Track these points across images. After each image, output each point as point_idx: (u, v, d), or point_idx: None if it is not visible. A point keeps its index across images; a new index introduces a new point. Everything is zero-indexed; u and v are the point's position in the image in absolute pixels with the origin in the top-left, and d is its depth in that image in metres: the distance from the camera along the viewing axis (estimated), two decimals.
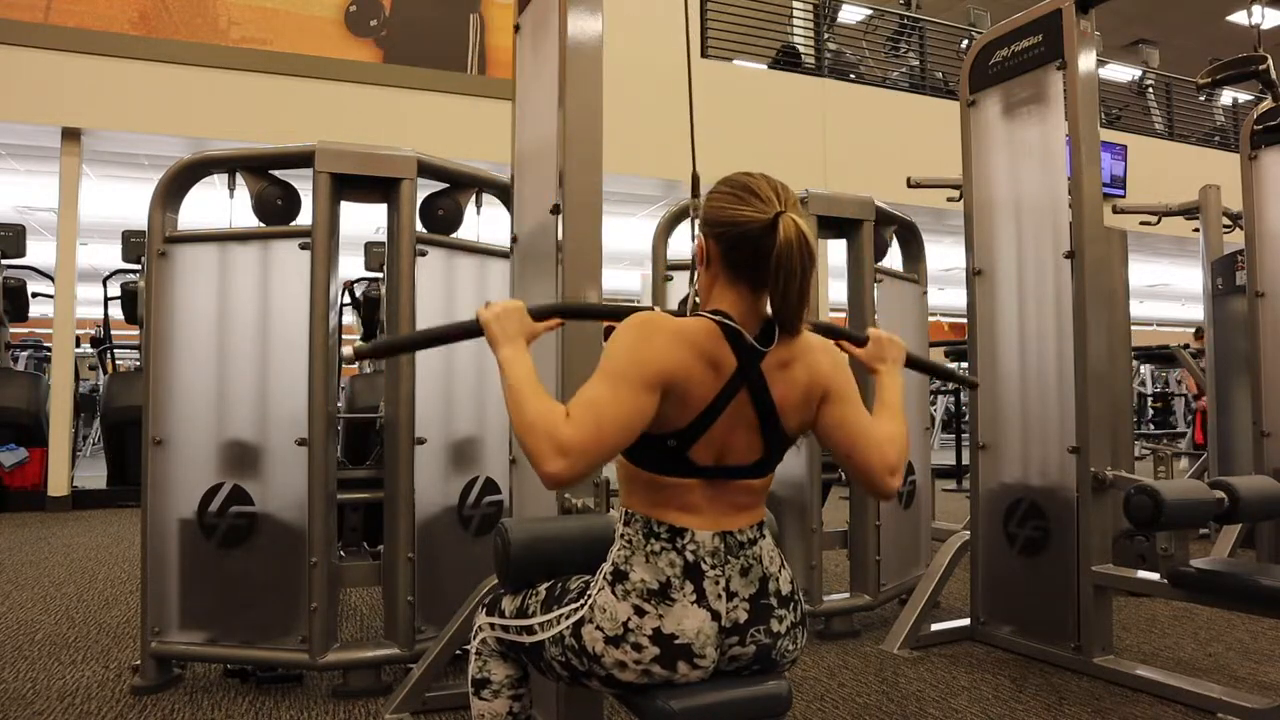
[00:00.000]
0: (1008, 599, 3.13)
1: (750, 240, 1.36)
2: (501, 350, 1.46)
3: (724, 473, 1.39)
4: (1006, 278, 3.20)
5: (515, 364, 1.42)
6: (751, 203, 1.36)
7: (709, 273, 1.44)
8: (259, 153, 2.79)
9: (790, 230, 1.32)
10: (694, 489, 1.39)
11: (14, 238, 6.80)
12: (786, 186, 1.40)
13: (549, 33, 2.14)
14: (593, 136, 2.08)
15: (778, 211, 1.35)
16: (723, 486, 1.40)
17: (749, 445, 1.40)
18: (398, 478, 2.66)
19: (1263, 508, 2.56)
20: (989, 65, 3.27)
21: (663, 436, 1.36)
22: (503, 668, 1.57)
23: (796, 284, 1.33)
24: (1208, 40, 11.97)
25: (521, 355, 1.45)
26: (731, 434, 1.38)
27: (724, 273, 1.41)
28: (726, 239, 1.39)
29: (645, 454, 1.38)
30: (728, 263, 1.40)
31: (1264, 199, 4.04)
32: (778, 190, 1.38)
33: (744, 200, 1.37)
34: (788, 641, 1.43)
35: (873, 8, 9.63)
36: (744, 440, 1.39)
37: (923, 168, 5.22)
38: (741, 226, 1.36)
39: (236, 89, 6.59)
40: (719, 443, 1.38)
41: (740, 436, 1.39)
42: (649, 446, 1.37)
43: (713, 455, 1.38)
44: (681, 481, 1.38)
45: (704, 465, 1.38)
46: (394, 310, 2.71)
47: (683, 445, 1.36)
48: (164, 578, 2.64)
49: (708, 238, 1.42)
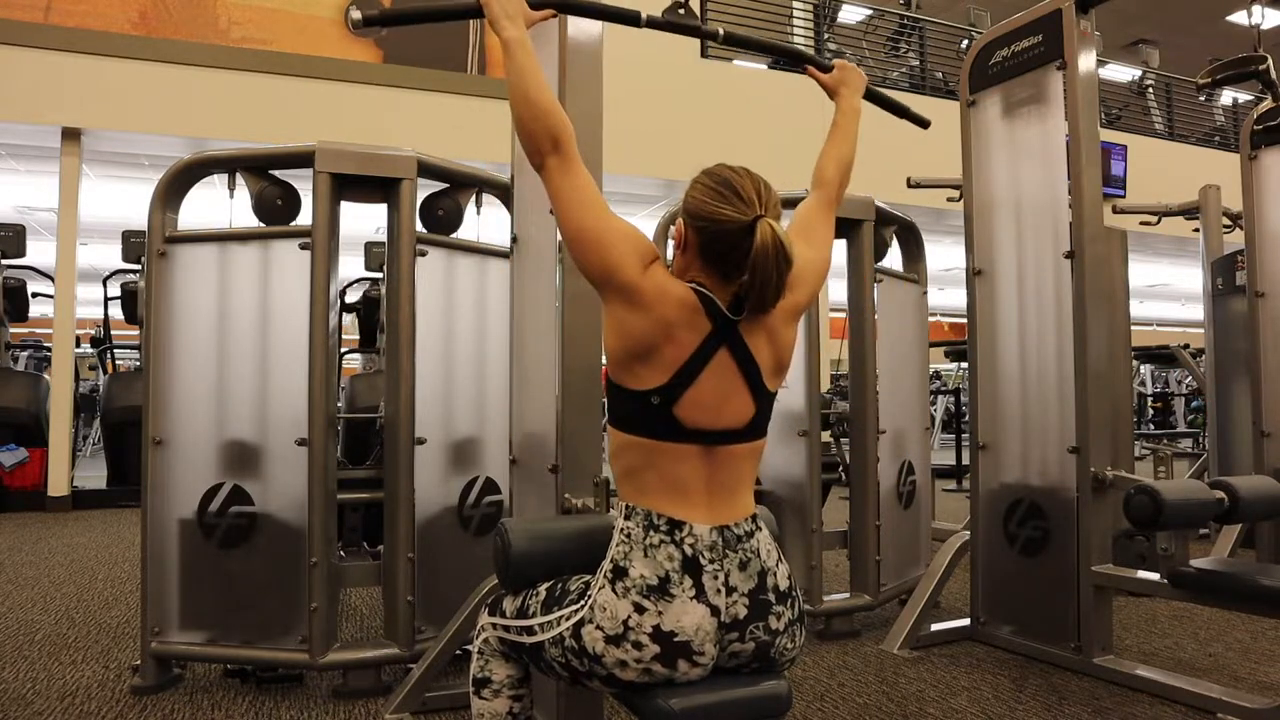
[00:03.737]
0: (1008, 599, 3.13)
1: (727, 239, 1.40)
2: (506, 30, 1.56)
3: (716, 437, 1.42)
4: (1006, 278, 3.20)
5: (522, 45, 1.54)
6: (733, 202, 1.40)
7: (684, 257, 1.48)
8: (259, 153, 2.79)
9: (767, 236, 1.35)
10: (687, 458, 1.40)
11: (14, 238, 6.79)
12: (768, 185, 1.44)
13: (549, 33, 2.14)
14: (593, 136, 2.08)
15: (757, 215, 1.38)
16: (716, 457, 1.42)
17: (739, 405, 1.44)
18: (398, 478, 2.66)
19: (1263, 508, 2.56)
20: (989, 65, 3.27)
21: (645, 393, 1.40)
22: (504, 667, 1.57)
23: (772, 285, 1.38)
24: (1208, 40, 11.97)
25: (526, 37, 1.56)
26: (717, 392, 1.42)
27: (699, 260, 1.45)
28: (705, 234, 1.42)
29: (632, 416, 1.42)
30: (703, 253, 1.44)
31: (1264, 199, 4.04)
32: (759, 190, 1.41)
33: (725, 198, 1.40)
34: (786, 639, 1.43)
35: (873, 8, 9.63)
36: (733, 401, 1.43)
37: (923, 168, 5.22)
38: (720, 225, 1.40)
39: (236, 89, 6.59)
40: (704, 401, 1.41)
41: (729, 396, 1.43)
42: (634, 405, 1.41)
43: (703, 417, 1.41)
44: (673, 448, 1.40)
45: (694, 427, 1.40)
46: (394, 310, 2.71)
47: (666, 401, 1.39)
48: (164, 578, 2.64)
49: (687, 226, 1.46)
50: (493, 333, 2.92)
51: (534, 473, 2.23)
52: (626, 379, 1.42)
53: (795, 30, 8.99)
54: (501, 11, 1.57)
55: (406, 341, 2.68)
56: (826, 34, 8.93)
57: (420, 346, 2.72)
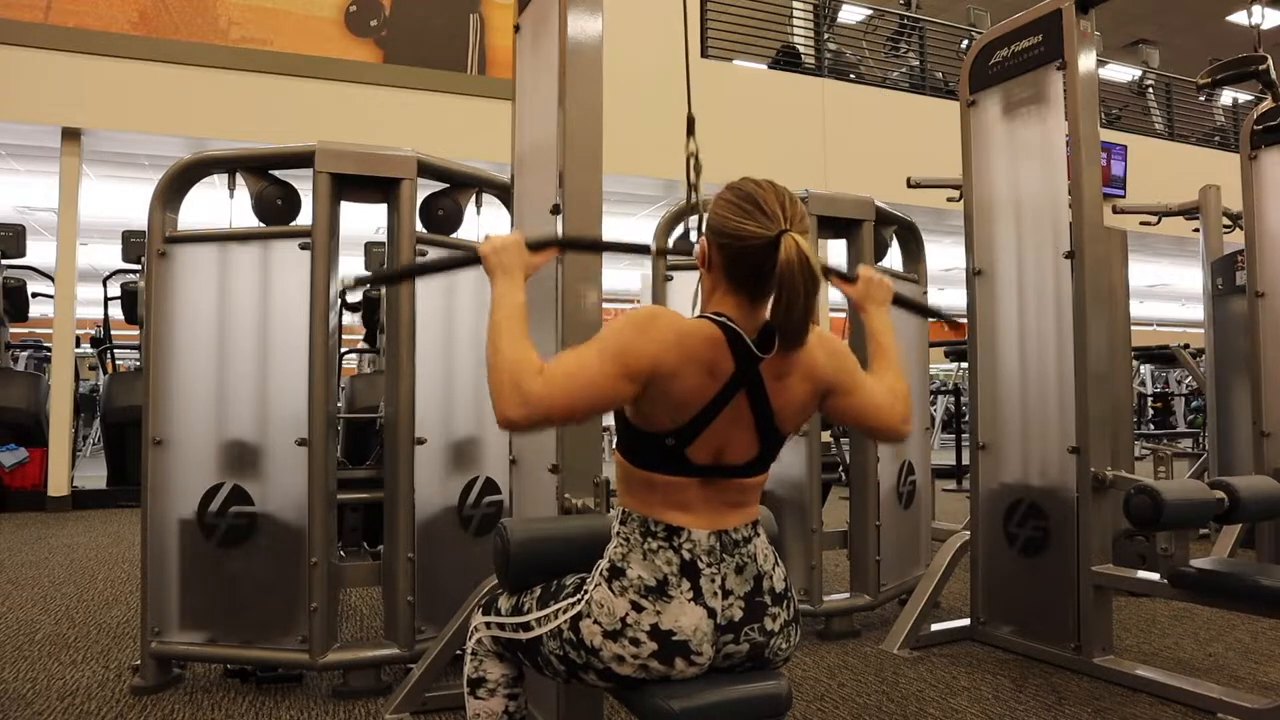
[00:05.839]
0: (1008, 599, 3.13)
1: (752, 256, 1.35)
2: (497, 284, 1.48)
3: (720, 471, 1.40)
4: (1006, 278, 3.20)
5: (506, 300, 1.44)
6: (756, 217, 1.35)
7: (711, 276, 1.43)
8: (259, 153, 2.79)
9: (792, 251, 1.30)
10: (690, 487, 1.40)
11: (14, 238, 6.79)
12: (795, 199, 1.39)
13: (549, 33, 2.14)
14: (593, 136, 2.08)
15: (781, 230, 1.33)
16: (718, 485, 1.41)
17: (745, 445, 1.41)
18: (398, 478, 2.66)
19: (1263, 508, 2.56)
20: (989, 65, 3.27)
21: (661, 435, 1.37)
22: (498, 667, 1.57)
23: (800, 303, 1.31)
24: (1208, 40, 11.98)
25: (515, 291, 1.46)
26: (728, 434, 1.39)
27: (725, 280, 1.41)
28: (729, 250, 1.38)
29: (644, 453, 1.39)
30: (729, 273, 1.40)
31: (1264, 199, 4.04)
32: (784, 204, 1.36)
33: (748, 214, 1.35)
34: (781, 640, 1.43)
35: (873, 8, 9.63)
36: (740, 440, 1.40)
37: (923, 168, 5.22)
38: (744, 241, 1.35)
39: (236, 89, 6.58)
40: (715, 443, 1.39)
41: (736, 436, 1.40)
42: (648, 445, 1.38)
43: (709, 455, 1.39)
44: (678, 480, 1.39)
45: (700, 464, 1.39)
46: (394, 310, 2.71)
47: (681, 444, 1.37)
48: (164, 578, 2.64)
49: (711, 244, 1.41)
50: None
51: (534, 473, 2.23)
52: (643, 420, 1.38)
53: (795, 30, 8.98)
54: (498, 264, 1.49)
55: (406, 341, 2.68)
56: (826, 34, 8.92)
57: (420, 346, 2.72)
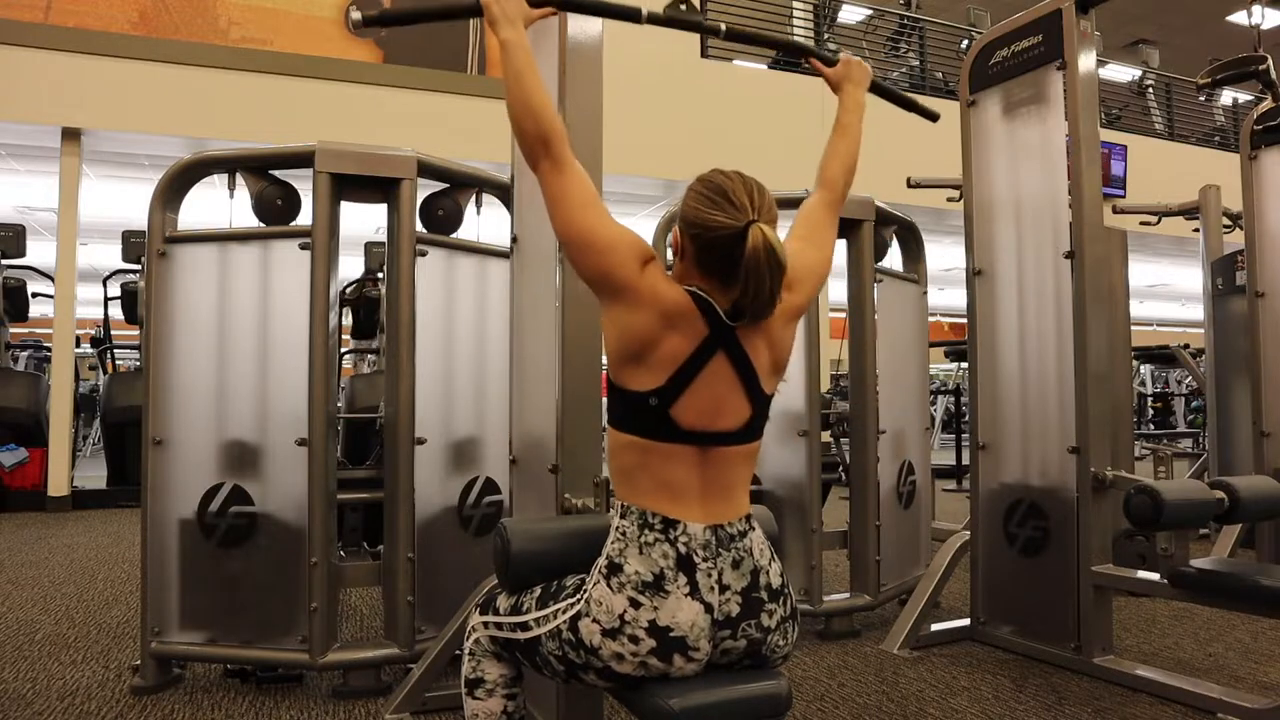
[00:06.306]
0: (1008, 599, 3.13)
1: (721, 245, 1.40)
2: (504, 31, 1.57)
3: (711, 438, 1.43)
4: (1006, 278, 3.20)
5: (518, 47, 1.55)
6: (724, 208, 1.40)
7: (683, 264, 1.48)
8: (259, 153, 2.79)
9: (759, 241, 1.35)
10: (683, 459, 1.41)
11: (14, 238, 6.79)
12: (764, 190, 1.43)
13: (549, 33, 2.14)
14: (593, 136, 2.08)
15: (749, 221, 1.38)
16: (709, 458, 1.43)
17: (735, 408, 1.44)
18: (398, 478, 2.66)
19: (1263, 508, 2.56)
20: (989, 65, 3.27)
21: (644, 394, 1.40)
22: (496, 667, 1.58)
23: (766, 289, 1.37)
24: (1208, 40, 11.98)
25: (523, 38, 1.57)
26: (714, 395, 1.42)
27: (696, 268, 1.45)
28: (700, 240, 1.43)
29: (630, 419, 1.42)
30: (699, 261, 1.44)
31: (1264, 199, 4.03)
32: (752, 196, 1.41)
33: (717, 205, 1.40)
34: (778, 636, 1.44)
35: (873, 8, 9.63)
36: (731, 404, 1.44)
37: (923, 168, 5.22)
38: (713, 231, 1.40)
39: (236, 89, 6.58)
40: (700, 405, 1.41)
41: (726, 399, 1.43)
42: (633, 407, 1.42)
43: (697, 417, 1.41)
44: (670, 448, 1.41)
45: (690, 429, 1.41)
46: (394, 310, 2.71)
47: (664, 403, 1.40)
48: (164, 578, 2.64)
49: (683, 234, 1.46)
50: (493, 333, 2.92)
51: (534, 473, 2.23)
52: (626, 380, 1.43)
53: (795, 30, 8.98)
54: (500, 13, 1.58)
55: (406, 341, 2.68)
56: (826, 34, 8.92)
57: (420, 346, 2.72)
